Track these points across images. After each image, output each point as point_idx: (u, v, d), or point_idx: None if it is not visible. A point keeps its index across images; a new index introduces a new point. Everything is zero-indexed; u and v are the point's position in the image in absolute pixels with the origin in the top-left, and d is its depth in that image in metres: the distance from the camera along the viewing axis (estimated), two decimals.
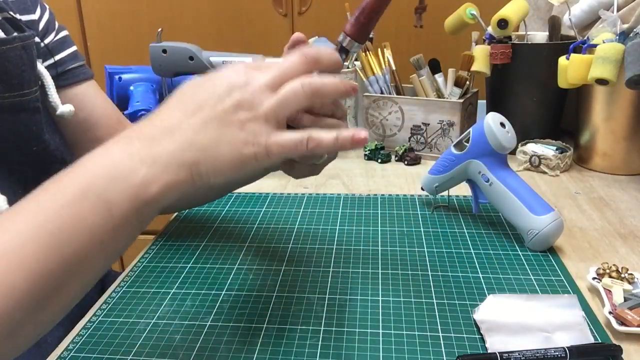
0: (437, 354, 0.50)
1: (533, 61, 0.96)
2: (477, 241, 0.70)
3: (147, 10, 1.74)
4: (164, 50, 0.93)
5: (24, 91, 0.57)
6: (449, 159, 0.73)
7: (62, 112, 0.62)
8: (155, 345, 0.52)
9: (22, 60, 0.57)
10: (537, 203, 0.67)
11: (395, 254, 0.67)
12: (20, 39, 0.56)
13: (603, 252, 0.67)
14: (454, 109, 0.96)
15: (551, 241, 0.67)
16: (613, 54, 0.79)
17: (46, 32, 0.65)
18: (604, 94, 0.89)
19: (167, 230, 0.76)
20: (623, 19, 0.85)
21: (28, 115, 0.58)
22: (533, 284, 0.60)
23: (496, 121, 0.69)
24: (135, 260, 0.68)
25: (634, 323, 0.51)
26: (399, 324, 0.54)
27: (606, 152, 0.92)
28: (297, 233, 0.74)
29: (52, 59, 0.64)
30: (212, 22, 1.75)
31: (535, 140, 0.98)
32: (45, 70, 0.61)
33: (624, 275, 0.58)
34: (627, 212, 0.77)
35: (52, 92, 0.61)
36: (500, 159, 0.69)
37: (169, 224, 0.78)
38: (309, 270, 0.65)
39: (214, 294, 0.60)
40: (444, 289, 0.60)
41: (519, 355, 0.47)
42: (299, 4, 1.69)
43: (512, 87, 1.00)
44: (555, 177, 0.91)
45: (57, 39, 0.66)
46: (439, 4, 1.62)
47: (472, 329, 0.53)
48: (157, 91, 1.09)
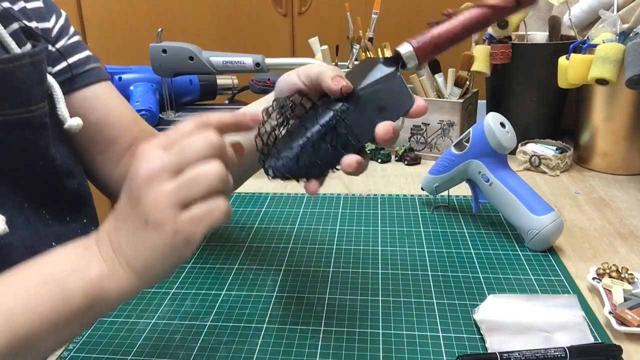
0: (437, 354, 0.50)
1: (533, 61, 0.96)
2: (477, 241, 0.70)
3: (147, 10, 1.74)
4: (164, 50, 0.93)
5: (31, 107, 0.56)
6: (449, 159, 0.73)
7: (70, 126, 0.61)
8: (155, 345, 0.52)
9: (31, 77, 0.56)
10: (537, 203, 0.67)
11: (395, 254, 0.67)
12: (29, 55, 0.56)
13: (603, 252, 0.67)
14: (454, 109, 0.96)
15: (551, 241, 0.67)
16: (613, 54, 0.80)
17: (59, 37, 0.64)
18: (604, 94, 0.89)
19: None
20: (623, 19, 0.85)
21: (35, 131, 0.57)
22: (533, 284, 0.60)
23: (496, 121, 0.69)
24: None
25: (634, 323, 0.51)
26: (399, 324, 0.54)
27: (606, 152, 0.92)
28: (297, 233, 0.74)
29: (65, 62, 0.63)
30: (212, 22, 1.75)
31: (535, 140, 0.98)
32: (55, 82, 0.60)
33: (624, 275, 0.58)
34: (627, 212, 0.77)
35: (60, 105, 0.60)
36: (500, 159, 0.69)
37: None
38: (309, 270, 0.65)
39: (214, 294, 0.60)
40: (444, 289, 0.60)
41: (519, 355, 0.47)
42: (299, 4, 1.69)
43: (512, 87, 1.00)
44: (555, 177, 0.91)
45: (69, 43, 0.65)
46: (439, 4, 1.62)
47: (472, 329, 0.53)
48: (157, 91, 1.09)
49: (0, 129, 0.54)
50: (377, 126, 0.46)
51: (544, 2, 1.09)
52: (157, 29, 0.94)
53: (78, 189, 0.64)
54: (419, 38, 0.49)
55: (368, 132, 0.46)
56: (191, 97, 1.20)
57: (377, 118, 0.47)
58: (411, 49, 0.49)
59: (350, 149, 0.47)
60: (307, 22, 1.71)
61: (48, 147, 0.59)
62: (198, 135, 0.40)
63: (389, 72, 0.50)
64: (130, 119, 0.69)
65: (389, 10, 1.58)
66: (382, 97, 0.48)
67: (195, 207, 0.39)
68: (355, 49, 1.05)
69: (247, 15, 1.72)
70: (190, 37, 1.73)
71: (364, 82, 0.50)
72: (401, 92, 0.48)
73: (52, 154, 0.60)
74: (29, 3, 0.61)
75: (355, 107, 0.48)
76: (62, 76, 0.63)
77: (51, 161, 0.60)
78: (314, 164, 0.47)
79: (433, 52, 0.49)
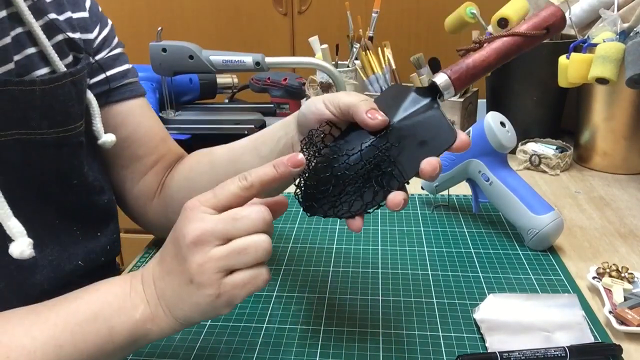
0: (437, 354, 0.50)
1: (533, 60, 0.96)
2: (477, 241, 0.70)
3: (147, 9, 1.74)
4: (163, 49, 0.93)
5: (69, 127, 0.56)
6: (449, 158, 0.73)
7: (104, 142, 0.61)
8: (155, 345, 0.52)
9: (70, 96, 0.55)
10: (537, 202, 0.67)
11: (395, 253, 0.67)
12: (71, 74, 0.55)
13: (603, 252, 0.67)
14: (454, 108, 0.96)
15: (551, 240, 0.67)
16: (613, 53, 0.79)
17: (100, 48, 0.63)
18: (604, 93, 0.89)
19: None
20: (623, 18, 0.84)
21: (71, 150, 0.57)
22: (533, 283, 0.60)
23: (496, 120, 0.69)
24: (135, 260, 0.68)
25: (634, 322, 0.51)
26: (399, 324, 0.54)
27: (606, 152, 0.91)
28: (297, 233, 0.74)
29: (104, 74, 0.63)
30: (212, 21, 1.75)
31: (536, 140, 0.98)
32: (93, 97, 0.60)
33: (624, 274, 0.58)
34: (627, 212, 0.77)
35: (97, 120, 0.60)
36: (500, 158, 0.69)
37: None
38: (309, 270, 0.65)
39: None
40: (444, 289, 0.60)
41: (519, 354, 0.47)
42: (299, 3, 1.69)
43: (512, 87, 1.00)
44: (555, 177, 0.91)
45: (110, 55, 0.64)
46: (439, 3, 1.62)
47: (472, 328, 0.53)
48: (157, 90, 1.09)
49: (37, 148, 0.53)
50: (423, 162, 0.43)
51: (544, 1, 1.09)
52: (156, 28, 0.94)
53: (108, 204, 0.64)
54: (455, 68, 0.48)
55: (412, 167, 0.44)
56: (191, 96, 1.20)
57: (420, 153, 0.45)
58: (447, 79, 0.48)
59: (394, 186, 0.44)
60: (307, 21, 1.70)
61: (82, 165, 0.59)
62: (253, 209, 0.42)
63: (425, 103, 0.48)
64: (159, 138, 0.68)
65: (389, 9, 1.58)
66: (423, 131, 0.46)
67: (240, 274, 0.41)
68: (355, 47, 1.05)
69: (247, 14, 1.72)
70: (190, 36, 1.73)
71: (399, 114, 0.48)
72: (442, 126, 0.46)
73: (85, 172, 0.59)
74: (75, 13, 0.60)
75: (397, 143, 0.46)
76: (99, 88, 0.62)
77: (84, 179, 0.60)
78: (357, 203, 0.45)
79: (469, 82, 0.48)
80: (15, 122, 0.51)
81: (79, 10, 0.61)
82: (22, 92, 0.51)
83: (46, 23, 0.55)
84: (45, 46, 0.54)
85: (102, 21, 0.65)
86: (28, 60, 0.53)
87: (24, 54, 0.53)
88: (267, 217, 0.42)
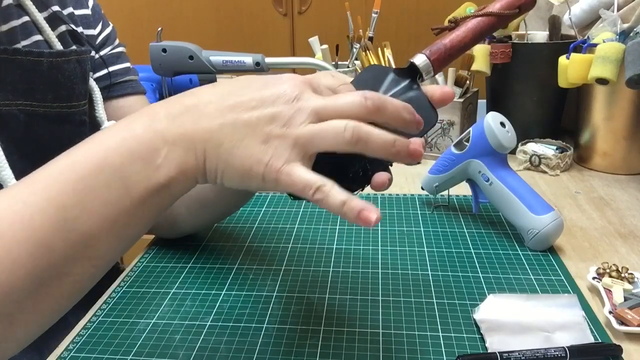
0: (437, 354, 0.50)
1: (533, 61, 0.96)
2: (477, 241, 0.70)
3: (147, 9, 1.74)
4: (163, 50, 0.93)
5: (72, 103, 0.57)
6: (449, 158, 0.73)
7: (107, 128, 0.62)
8: (155, 345, 0.52)
9: (75, 73, 0.57)
10: (537, 202, 0.67)
11: (395, 254, 0.67)
12: (76, 53, 0.58)
13: (603, 252, 0.67)
14: (454, 108, 0.96)
15: (551, 241, 0.67)
16: (613, 53, 0.79)
17: (103, 45, 0.66)
18: (604, 93, 0.89)
19: None
20: (623, 19, 0.84)
21: (73, 127, 0.58)
22: (533, 283, 0.60)
23: (496, 121, 0.69)
24: (135, 260, 0.68)
25: (634, 323, 0.51)
26: (399, 324, 0.54)
27: (606, 152, 0.91)
28: (297, 233, 0.74)
29: (106, 69, 0.65)
30: (212, 21, 1.75)
31: (536, 140, 0.98)
32: (96, 85, 0.62)
33: (624, 274, 0.58)
34: (627, 212, 0.77)
35: (99, 107, 0.62)
36: (500, 159, 0.69)
37: None
38: (309, 270, 0.65)
39: (214, 294, 0.60)
40: (444, 289, 0.60)
41: (519, 355, 0.47)
42: (299, 3, 1.69)
43: (512, 87, 1.00)
44: (555, 177, 0.91)
45: (112, 52, 0.67)
46: (439, 3, 1.62)
47: (472, 329, 0.53)
48: (157, 90, 1.09)
49: (40, 121, 0.55)
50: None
51: (544, 2, 1.09)
52: (156, 28, 0.94)
53: None
54: (433, 49, 0.48)
55: None
56: None
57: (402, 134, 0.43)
58: (426, 59, 0.47)
59: (378, 167, 0.44)
60: (307, 21, 1.70)
61: None
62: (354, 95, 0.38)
63: (405, 84, 0.47)
64: None
65: (389, 9, 1.58)
66: None
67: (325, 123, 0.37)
68: (356, 48, 1.05)
69: (247, 14, 1.72)
70: (190, 36, 1.73)
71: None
72: (424, 107, 0.45)
73: None
74: (77, 10, 0.62)
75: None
76: (101, 83, 0.64)
77: None
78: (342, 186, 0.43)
79: (446, 62, 0.48)
80: (21, 92, 0.53)
81: (81, 7, 0.63)
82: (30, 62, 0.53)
83: (50, 15, 0.58)
84: (49, 34, 0.57)
85: (104, 22, 0.67)
86: (35, 46, 0.56)
87: (31, 40, 0.56)
88: (373, 104, 0.38)
